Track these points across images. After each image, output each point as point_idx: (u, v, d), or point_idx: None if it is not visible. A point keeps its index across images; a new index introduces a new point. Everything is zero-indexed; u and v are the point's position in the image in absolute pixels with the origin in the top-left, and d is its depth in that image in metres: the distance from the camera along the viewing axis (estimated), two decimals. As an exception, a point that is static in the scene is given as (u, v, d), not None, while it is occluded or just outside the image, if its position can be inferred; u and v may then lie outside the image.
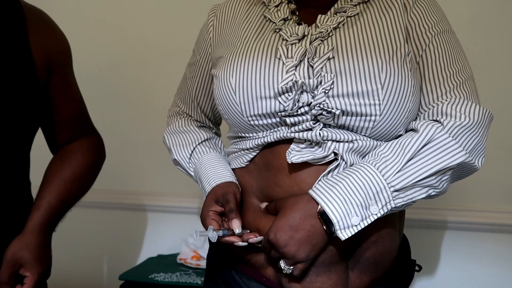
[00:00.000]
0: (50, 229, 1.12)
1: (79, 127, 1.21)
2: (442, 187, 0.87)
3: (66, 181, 1.14)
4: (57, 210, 1.12)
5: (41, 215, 1.09)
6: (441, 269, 1.60)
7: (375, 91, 0.86)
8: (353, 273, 0.91)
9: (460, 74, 0.92)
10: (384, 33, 0.92)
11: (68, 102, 1.17)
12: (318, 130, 0.88)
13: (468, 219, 1.56)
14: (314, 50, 0.90)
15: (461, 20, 1.52)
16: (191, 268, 1.68)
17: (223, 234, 0.88)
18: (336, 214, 0.82)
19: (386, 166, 0.84)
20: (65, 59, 1.17)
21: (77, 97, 1.21)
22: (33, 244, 1.06)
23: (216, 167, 1.01)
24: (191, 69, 1.13)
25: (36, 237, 1.07)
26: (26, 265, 1.05)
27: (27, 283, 1.05)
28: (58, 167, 1.16)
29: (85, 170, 1.18)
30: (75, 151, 1.19)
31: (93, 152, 1.22)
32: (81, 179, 1.18)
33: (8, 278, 1.04)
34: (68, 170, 1.15)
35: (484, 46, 1.54)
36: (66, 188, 1.14)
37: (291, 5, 0.99)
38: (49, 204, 1.10)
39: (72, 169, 1.16)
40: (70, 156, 1.18)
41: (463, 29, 1.51)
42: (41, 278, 1.07)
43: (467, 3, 1.56)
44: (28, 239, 1.06)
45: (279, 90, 0.88)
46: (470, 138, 0.86)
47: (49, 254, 1.11)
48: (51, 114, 1.15)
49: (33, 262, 1.05)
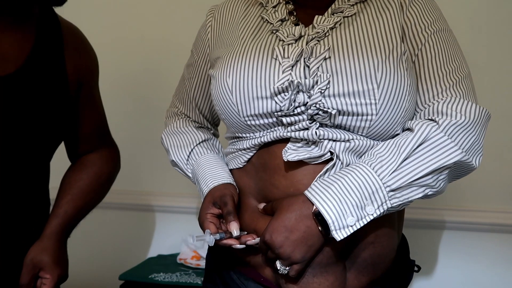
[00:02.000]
0: (66, 236, 1.17)
1: (100, 139, 1.26)
2: (439, 187, 0.87)
3: (84, 191, 1.19)
4: (73, 219, 1.17)
5: (58, 223, 1.13)
6: (439, 269, 1.60)
7: (371, 91, 0.86)
8: (350, 273, 0.90)
9: (456, 72, 0.92)
10: (380, 32, 0.92)
11: (92, 115, 1.22)
12: (315, 129, 0.88)
13: (467, 219, 1.55)
14: (310, 50, 0.90)
15: (460, 19, 1.52)
16: (191, 268, 1.68)
17: (220, 237, 0.88)
18: (331, 215, 0.82)
19: (382, 166, 0.84)
20: (95, 75, 1.22)
21: (101, 110, 1.26)
22: (51, 249, 1.11)
23: (213, 168, 1.00)
24: (189, 69, 1.13)
25: (53, 243, 1.12)
26: (46, 268, 1.09)
27: (47, 284, 1.09)
28: (77, 177, 1.20)
29: (101, 181, 1.23)
30: (94, 162, 1.23)
31: (110, 164, 1.26)
32: (97, 190, 1.23)
33: (28, 281, 1.08)
34: (86, 181, 1.20)
35: (484, 45, 1.53)
36: (83, 199, 1.19)
37: (289, 5, 0.99)
38: (66, 214, 1.15)
39: (90, 180, 1.20)
40: (88, 167, 1.22)
41: (461, 28, 1.51)
42: (60, 280, 1.11)
43: (466, 2, 1.56)
44: (46, 244, 1.11)
45: (275, 90, 0.88)
46: (467, 137, 0.85)
47: (66, 258, 1.16)
48: (76, 126, 1.19)
49: (52, 265, 1.09)
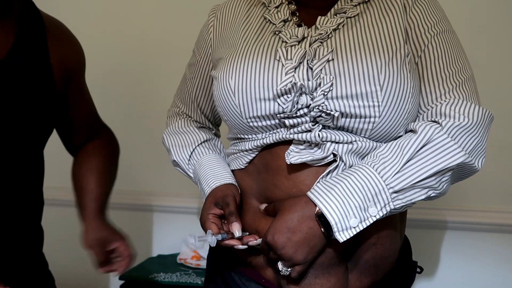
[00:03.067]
0: (105, 217, 1.21)
1: (94, 127, 1.29)
2: (442, 188, 0.86)
3: (104, 174, 1.24)
4: (106, 200, 1.23)
5: (97, 207, 1.18)
6: (440, 269, 1.60)
7: (374, 93, 0.86)
8: (352, 275, 0.90)
9: (460, 74, 0.91)
10: (384, 34, 0.91)
11: (82, 106, 1.25)
12: (317, 131, 0.88)
13: (468, 219, 1.55)
14: (313, 52, 0.89)
15: (460, 19, 1.52)
16: (191, 268, 1.68)
17: (222, 238, 0.87)
18: (334, 216, 0.82)
19: (385, 167, 0.84)
20: (81, 68, 1.23)
21: (89, 100, 1.28)
22: (103, 224, 1.16)
23: (215, 168, 1.00)
24: (191, 69, 1.13)
25: (101, 221, 1.17)
26: (110, 238, 1.14)
27: (124, 247, 1.14)
28: (91, 164, 1.24)
29: (112, 162, 1.29)
30: (98, 148, 1.27)
31: (112, 146, 1.32)
32: (112, 170, 1.29)
33: (105, 257, 1.13)
34: (101, 164, 1.24)
35: (485, 45, 1.53)
36: (106, 180, 1.24)
37: (291, 6, 0.99)
38: (100, 196, 1.20)
39: (103, 163, 1.25)
40: (96, 153, 1.26)
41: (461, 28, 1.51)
42: (129, 242, 1.16)
43: (467, 2, 1.55)
44: (97, 223, 1.15)
45: (278, 92, 0.88)
46: (470, 138, 0.85)
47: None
48: (67, 118, 1.21)
49: (116, 234, 1.15)
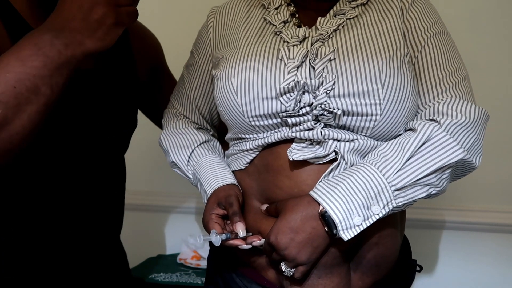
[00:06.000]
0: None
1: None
2: (442, 186, 0.87)
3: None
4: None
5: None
6: (440, 269, 1.60)
7: (375, 91, 0.87)
8: (355, 275, 0.90)
9: (455, 74, 0.93)
10: (383, 34, 0.92)
11: (171, 87, 1.26)
12: (319, 129, 0.88)
13: (467, 218, 1.55)
14: (315, 52, 0.90)
15: (460, 19, 1.53)
16: (191, 268, 1.68)
17: (226, 237, 0.87)
18: (338, 215, 0.82)
19: (386, 165, 0.85)
20: (161, 57, 1.32)
21: (174, 80, 1.32)
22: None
23: (216, 169, 1.00)
24: (189, 70, 1.12)
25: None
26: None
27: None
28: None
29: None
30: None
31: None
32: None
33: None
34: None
35: (483, 45, 1.54)
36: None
37: (291, 7, 1.00)
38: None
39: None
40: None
41: (461, 28, 1.52)
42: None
43: (466, 2, 1.56)
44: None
45: (281, 91, 0.88)
46: (468, 136, 0.87)
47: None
48: (156, 101, 1.29)
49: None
